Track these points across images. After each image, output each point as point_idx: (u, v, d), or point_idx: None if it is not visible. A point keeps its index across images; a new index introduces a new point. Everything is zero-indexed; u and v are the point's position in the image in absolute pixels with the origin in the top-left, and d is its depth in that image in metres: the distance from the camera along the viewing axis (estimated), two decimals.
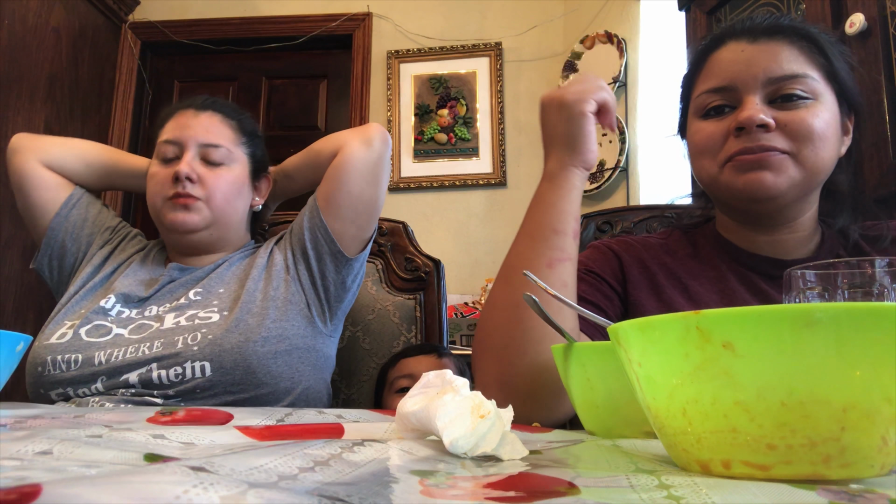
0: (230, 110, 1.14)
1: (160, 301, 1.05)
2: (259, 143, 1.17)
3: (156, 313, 1.03)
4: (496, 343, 0.71)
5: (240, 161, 1.11)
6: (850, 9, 1.48)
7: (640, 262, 0.88)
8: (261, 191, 1.18)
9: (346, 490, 0.26)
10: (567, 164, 0.75)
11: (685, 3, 2.13)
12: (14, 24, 2.49)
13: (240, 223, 1.14)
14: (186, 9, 3.27)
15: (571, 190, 0.75)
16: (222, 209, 1.08)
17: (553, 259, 0.70)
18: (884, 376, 0.29)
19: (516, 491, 0.29)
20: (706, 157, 0.81)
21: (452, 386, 0.42)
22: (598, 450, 0.43)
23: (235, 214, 1.11)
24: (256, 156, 1.15)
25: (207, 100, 1.13)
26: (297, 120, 3.28)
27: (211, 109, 1.11)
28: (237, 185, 1.10)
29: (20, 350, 0.58)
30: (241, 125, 1.14)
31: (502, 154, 2.97)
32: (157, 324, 1.00)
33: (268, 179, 1.19)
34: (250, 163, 1.14)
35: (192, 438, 0.38)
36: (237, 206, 1.11)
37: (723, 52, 0.82)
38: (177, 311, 1.02)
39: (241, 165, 1.11)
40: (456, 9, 3.15)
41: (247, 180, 1.13)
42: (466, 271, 2.83)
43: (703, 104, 0.82)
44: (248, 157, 1.13)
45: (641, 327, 0.34)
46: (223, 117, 1.11)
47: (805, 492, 0.28)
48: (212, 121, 1.10)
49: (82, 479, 0.21)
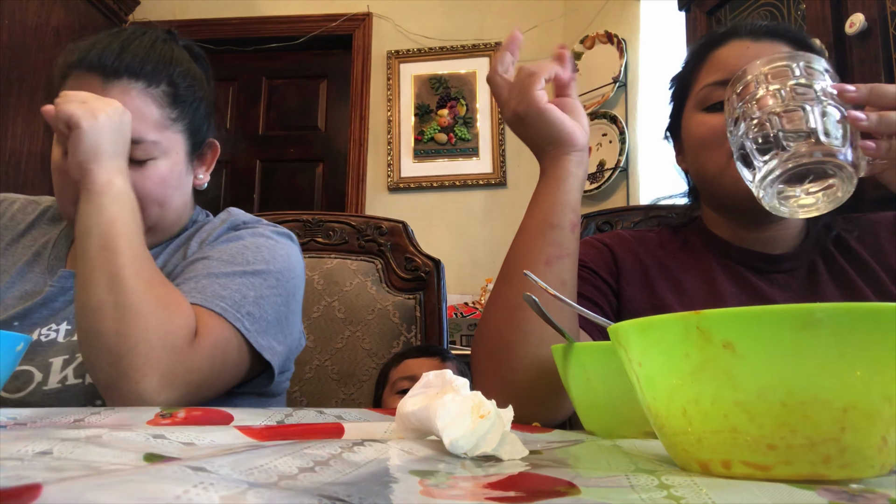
0: (153, 70, 0.82)
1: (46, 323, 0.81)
2: (197, 103, 0.88)
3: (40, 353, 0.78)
4: (497, 345, 0.70)
5: (172, 146, 0.84)
6: (850, 9, 1.48)
7: (634, 256, 0.88)
8: (205, 160, 0.93)
9: (346, 490, 0.26)
10: (555, 155, 0.73)
11: (685, 4, 2.13)
12: (14, 24, 2.49)
13: (182, 210, 0.91)
14: (186, 9, 3.27)
15: (567, 177, 0.72)
16: (158, 214, 0.85)
17: (551, 256, 0.69)
18: (884, 376, 0.30)
19: (516, 491, 0.29)
20: (713, 148, 0.80)
21: (452, 386, 0.42)
22: (598, 450, 0.43)
23: (174, 208, 0.88)
24: (194, 125, 0.88)
25: (120, 56, 0.79)
26: (297, 120, 3.28)
27: (126, 76, 0.79)
28: (171, 179, 0.85)
29: (20, 350, 0.58)
30: (169, 92, 0.83)
31: (502, 154, 2.97)
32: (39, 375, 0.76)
33: (212, 145, 0.93)
34: (187, 140, 0.87)
35: (193, 438, 0.38)
36: (175, 202, 0.87)
37: (727, 48, 0.82)
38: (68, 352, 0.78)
39: (174, 152, 0.84)
40: (456, 9, 3.15)
41: (183, 165, 0.87)
42: (466, 271, 2.83)
43: (705, 97, 0.82)
44: (182, 135, 0.86)
45: (642, 327, 0.34)
46: (143, 87, 0.80)
47: (805, 492, 0.28)
48: (127, 100, 0.78)
49: (82, 479, 0.21)
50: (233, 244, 0.86)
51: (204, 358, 0.72)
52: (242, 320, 0.77)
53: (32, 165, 2.57)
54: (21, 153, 2.52)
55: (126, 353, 0.67)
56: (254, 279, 0.82)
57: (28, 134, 2.55)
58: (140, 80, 0.81)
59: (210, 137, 0.93)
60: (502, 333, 0.70)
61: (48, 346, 0.79)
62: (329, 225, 1.33)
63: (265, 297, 0.81)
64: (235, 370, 0.78)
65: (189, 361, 0.70)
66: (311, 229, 1.33)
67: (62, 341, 0.80)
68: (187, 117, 0.86)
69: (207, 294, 0.77)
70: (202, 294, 0.77)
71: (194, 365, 0.71)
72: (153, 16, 3.22)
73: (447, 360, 1.14)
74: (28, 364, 0.77)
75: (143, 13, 3.23)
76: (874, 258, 0.82)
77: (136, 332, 0.67)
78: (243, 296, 0.79)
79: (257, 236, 0.88)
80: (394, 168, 3.04)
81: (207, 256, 0.83)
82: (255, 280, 0.82)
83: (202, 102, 0.89)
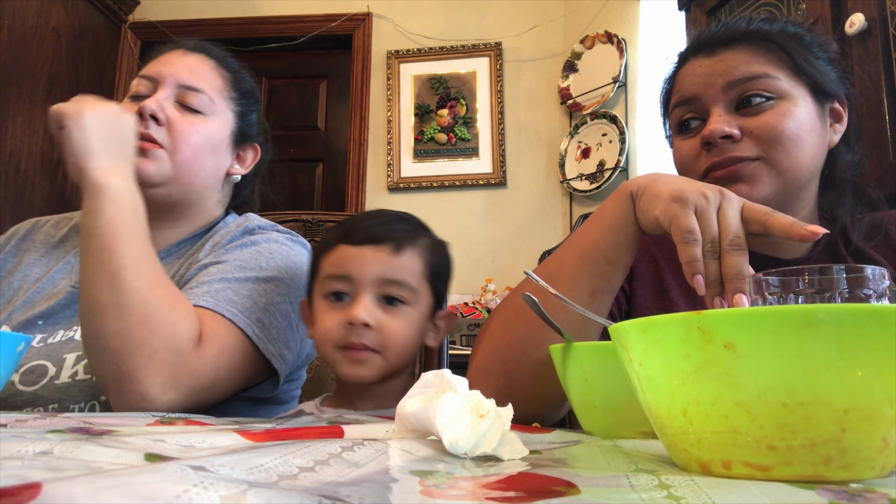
0: (225, 60, 0.96)
1: None
2: (254, 106, 0.98)
3: None
4: (504, 368, 0.70)
5: (223, 116, 0.91)
6: (850, 9, 1.48)
7: (650, 258, 0.87)
8: (244, 160, 0.98)
9: (346, 490, 0.26)
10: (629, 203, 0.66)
11: (685, 3, 2.13)
12: (14, 24, 2.49)
13: (209, 189, 0.92)
14: (186, 9, 3.27)
15: (633, 224, 0.66)
16: (187, 165, 0.87)
17: (597, 289, 0.67)
18: (885, 378, 0.29)
19: (516, 491, 0.29)
20: (689, 171, 0.80)
21: (451, 385, 0.42)
22: (598, 450, 0.43)
23: (203, 175, 0.90)
24: (246, 118, 0.96)
25: (202, 42, 0.95)
26: (297, 120, 3.28)
27: (203, 53, 0.94)
28: (212, 141, 0.89)
29: (21, 350, 0.58)
30: (235, 79, 0.95)
31: (502, 154, 2.97)
32: None
33: (255, 149, 0.99)
34: (236, 122, 0.94)
35: (192, 441, 0.38)
36: (206, 165, 0.89)
37: (685, 69, 0.82)
38: None
39: (222, 121, 0.91)
40: (456, 9, 3.15)
41: (227, 140, 0.92)
42: (466, 271, 2.83)
43: (676, 119, 0.82)
44: (234, 116, 0.94)
45: (643, 327, 0.34)
46: (216, 64, 0.94)
47: (805, 491, 0.28)
48: (200, 64, 0.92)
49: (82, 479, 0.21)
50: (247, 249, 0.86)
51: (209, 362, 0.72)
52: (252, 326, 0.78)
53: (32, 165, 2.56)
54: (21, 153, 2.52)
55: (128, 353, 0.67)
56: (265, 286, 0.82)
57: (28, 134, 2.55)
58: (214, 59, 0.94)
59: (255, 142, 0.99)
60: (510, 326, 0.69)
61: (66, 343, 0.81)
62: (329, 225, 1.33)
63: (275, 304, 0.82)
64: (241, 375, 0.78)
65: (193, 365, 0.70)
66: (311, 229, 1.32)
67: (78, 339, 0.81)
68: (242, 106, 0.95)
69: (219, 299, 0.77)
70: (214, 298, 0.77)
71: (198, 369, 0.71)
72: (153, 16, 3.22)
73: (401, 250, 0.77)
74: (45, 359, 0.79)
75: (142, 13, 3.23)
76: (888, 259, 0.80)
77: (138, 332, 0.67)
78: (254, 302, 0.79)
79: (271, 242, 0.89)
80: (394, 168, 3.04)
81: (222, 261, 0.83)
82: (266, 287, 0.82)
83: (257, 110, 0.99)
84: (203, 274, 0.82)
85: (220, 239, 0.90)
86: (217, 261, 0.84)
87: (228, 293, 0.78)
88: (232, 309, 0.77)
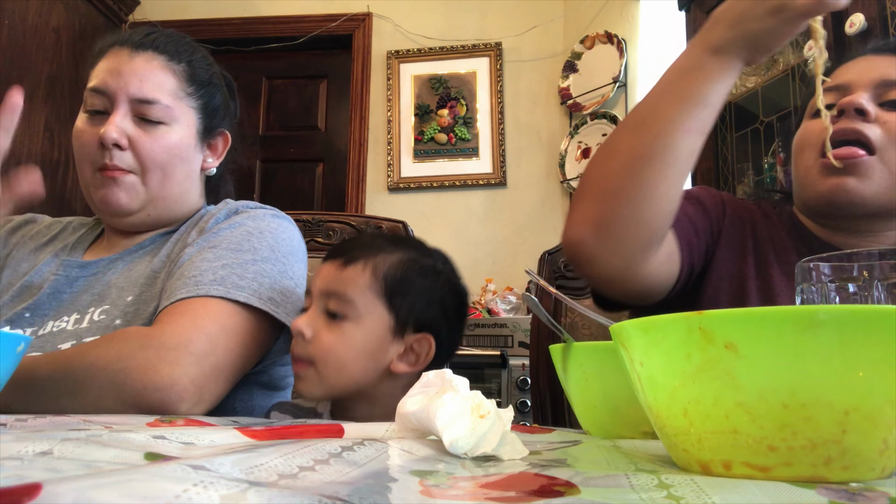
0: (175, 50, 0.90)
1: None
2: (214, 91, 0.94)
3: None
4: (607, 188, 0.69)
5: (184, 118, 0.89)
6: (850, 9, 1.48)
7: (741, 221, 0.87)
8: (216, 148, 0.96)
9: (346, 490, 0.26)
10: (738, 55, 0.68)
11: (685, 3, 2.13)
12: (14, 24, 2.49)
13: (186, 193, 0.93)
14: (186, 9, 3.27)
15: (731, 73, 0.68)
16: (160, 183, 0.87)
17: (692, 128, 0.67)
18: (887, 379, 0.29)
19: (516, 491, 0.29)
20: (801, 154, 0.82)
21: (452, 385, 0.42)
22: (598, 450, 0.43)
23: (177, 186, 0.90)
24: (209, 108, 0.92)
25: (148, 35, 0.89)
26: (297, 120, 3.28)
27: (151, 49, 0.87)
28: (179, 150, 0.88)
29: (21, 351, 0.58)
30: (188, 70, 0.90)
31: (502, 154, 2.97)
32: None
33: (224, 136, 0.97)
34: (199, 119, 0.91)
35: (193, 439, 0.38)
36: (178, 175, 0.89)
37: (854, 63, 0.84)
38: None
39: (185, 124, 0.89)
40: (456, 9, 3.15)
41: (193, 140, 0.90)
42: (466, 271, 2.81)
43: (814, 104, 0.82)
44: (196, 112, 0.91)
45: (644, 327, 0.34)
46: (165, 60, 0.88)
47: (805, 491, 0.28)
48: (149, 67, 0.86)
49: (82, 478, 0.21)
50: (236, 230, 0.86)
51: (219, 350, 0.74)
52: (268, 304, 0.80)
53: None
54: (21, 153, 2.52)
55: (138, 397, 0.68)
56: (265, 265, 0.83)
57: (28, 134, 2.55)
58: (162, 54, 0.88)
59: (223, 129, 0.96)
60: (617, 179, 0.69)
61: (58, 334, 0.81)
62: (329, 225, 1.33)
63: (278, 282, 0.84)
64: (258, 352, 0.82)
65: (204, 368, 0.72)
66: (311, 229, 1.32)
67: (70, 329, 0.81)
68: (202, 98, 0.91)
69: (228, 285, 0.78)
70: (223, 286, 0.78)
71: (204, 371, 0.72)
72: (153, 16, 3.22)
73: (350, 264, 0.75)
74: (38, 352, 0.79)
75: (142, 13, 3.23)
76: None
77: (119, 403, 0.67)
78: (260, 283, 0.81)
79: (258, 220, 0.89)
80: (394, 168, 3.04)
81: (215, 245, 0.84)
82: (265, 266, 0.84)
83: (219, 92, 0.94)
84: (199, 259, 0.82)
85: (204, 224, 0.89)
86: (210, 245, 0.84)
87: (234, 279, 0.79)
88: (243, 294, 0.78)
